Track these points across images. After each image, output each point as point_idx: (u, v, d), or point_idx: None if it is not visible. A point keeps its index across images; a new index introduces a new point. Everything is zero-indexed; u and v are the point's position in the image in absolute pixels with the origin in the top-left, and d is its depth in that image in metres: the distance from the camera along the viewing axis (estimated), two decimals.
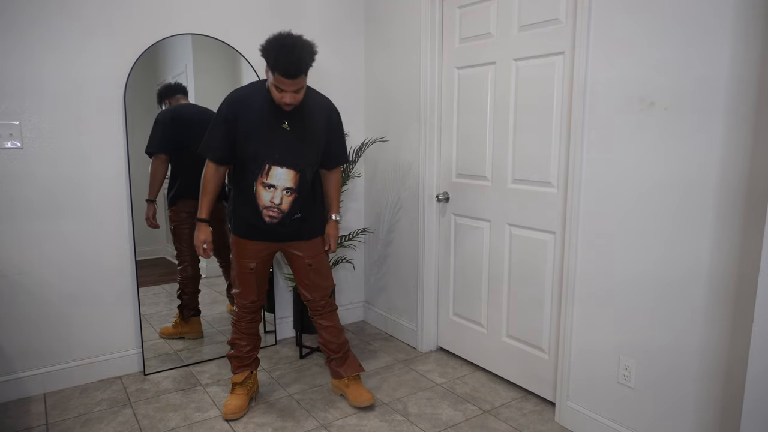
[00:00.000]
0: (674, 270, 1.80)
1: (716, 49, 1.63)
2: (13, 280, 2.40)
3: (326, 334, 2.38)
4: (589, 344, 2.12)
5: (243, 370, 2.36)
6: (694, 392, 1.79)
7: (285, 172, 2.10)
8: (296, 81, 1.96)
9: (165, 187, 2.71)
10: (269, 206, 2.12)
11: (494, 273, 2.58)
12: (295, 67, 1.91)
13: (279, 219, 2.14)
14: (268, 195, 2.11)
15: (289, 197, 2.13)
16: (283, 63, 1.90)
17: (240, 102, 2.10)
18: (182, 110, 2.71)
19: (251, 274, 2.26)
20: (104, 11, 2.46)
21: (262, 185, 2.10)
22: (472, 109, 2.59)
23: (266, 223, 2.15)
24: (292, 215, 2.16)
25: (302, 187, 2.15)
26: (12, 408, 2.37)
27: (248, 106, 2.09)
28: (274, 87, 2.00)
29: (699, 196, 1.71)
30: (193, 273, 2.82)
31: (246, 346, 2.35)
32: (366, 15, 3.21)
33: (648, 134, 1.83)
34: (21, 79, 2.32)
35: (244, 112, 2.08)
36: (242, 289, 2.28)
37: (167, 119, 2.66)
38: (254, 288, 2.29)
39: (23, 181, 2.37)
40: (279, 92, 2.00)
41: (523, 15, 2.28)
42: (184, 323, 2.83)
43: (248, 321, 2.33)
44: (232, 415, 2.26)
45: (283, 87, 1.98)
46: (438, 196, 2.81)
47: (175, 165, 2.70)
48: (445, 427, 2.23)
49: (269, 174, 2.09)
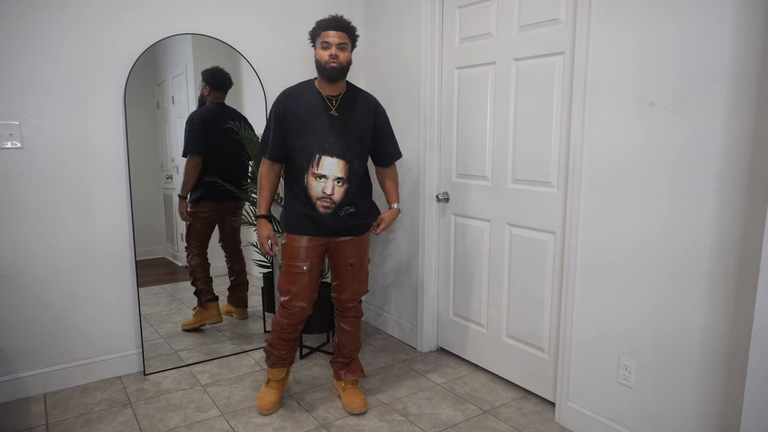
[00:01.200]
0: (675, 268, 1.80)
1: (716, 49, 1.63)
2: (13, 280, 2.40)
3: (344, 338, 2.38)
4: (589, 344, 2.12)
5: (280, 366, 2.34)
6: (694, 392, 1.79)
7: (335, 162, 2.13)
8: (339, 34, 2.09)
9: None
10: (322, 197, 2.14)
11: (494, 273, 2.58)
12: (336, 20, 2.11)
13: (333, 210, 2.15)
14: (320, 185, 2.13)
15: (341, 187, 2.15)
16: (326, 19, 2.12)
17: (288, 96, 2.19)
18: (215, 111, 2.78)
19: (303, 275, 2.20)
20: (104, 11, 2.46)
21: (313, 176, 2.13)
22: (472, 109, 2.59)
23: (321, 214, 2.15)
24: (345, 207, 2.17)
25: (353, 177, 2.17)
26: (12, 408, 2.37)
27: (297, 99, 2.17)
28: (320, 49, 2.11)
29: (699, 197, 1.71)
30: (201, 261, 2.87)
31: (283, 351, 2.31)
32: (365, 15, 3.21)
33: (648, 134, 1.83)
34: (21, 79, 2.32)
35: (293, 106, 2.16)
36: (293, 292, 2.19)
37: (200, 121, 2.74)
38: (306, 292, 2.20)
39: (23, 181, 2.37)
40: (324, 50, 2.09)
41: (523, 15, 2.28)
42: (204, 310, 2.89)
43: (291, 332, 2.26)
44: (269, 411, 2.28)
45: (329, 40, 2.09)
46: (438, 196, 2.81)
47: (203, 167, 2.78)
48: (445, 427, 2.23)
49: (319, 164, 2.12)
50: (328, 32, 2.09)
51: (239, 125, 2.75)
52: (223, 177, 2.82)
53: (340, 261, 2.28)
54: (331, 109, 2.15)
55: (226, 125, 2.79)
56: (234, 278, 2.96)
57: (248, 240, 2.98)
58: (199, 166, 2.76)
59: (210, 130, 2.78)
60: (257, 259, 3.00)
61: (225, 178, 2.83)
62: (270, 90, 2.94)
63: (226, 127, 2.79)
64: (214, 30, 2.76)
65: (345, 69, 2.14)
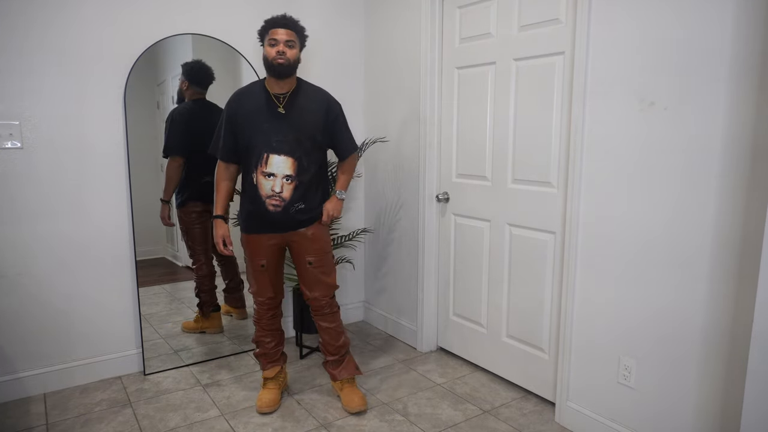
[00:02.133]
0: (676, 268, 1.80)
1: (717, 49, 1.63)
2: (13, 280, 2.40)
3: (326, 335, 2.37)
4: (589, 344, 2.12)
5: (273, 365, 2.39)
6: (694, 392, 1.79)
7: (283, 160, 2.15)
8: (287, 32, 2.11)
9: None
10: (271, 195, 2.16)
11: (494, 273, 2.58)
12: (284, 18, 2.12)
13: (282, 207, 2.18)
14: (269, 184, 2.16)
15: (290, 185, 2.17)
16: (274, 17, 2.13)
17: (238, 96, 2.22)
18: (194, 109, 2.73)
19: (263, 271, 2.27)
20: (104, 11, 2.46)
21: (262, 174, 2.16)
22: (472, 109, 2.59)
23: (270, 212, 2.17)
24: (294, 204, 2.19)
25: (302, 174, 2.18)
26: (12, 408, 2.37)
27: (246, 99, 2.20)
28: (268, 46, 2.12)
29: (699, 198, 1.71)
30: (208, 271, 2.86)
31: (270, 342, 2.37)
32: (366, 16, 3.21)
33: (648, 134, 1.83)
34: (21, 79, 2.32)
35: (243, 106, 2.18)
36: (257, 287, 2.30)
37: (181, 119, 2.68)
38: (268, 285, 2.30)
39: (23, 181, 2.37)
40: (272, 47, 2.11)
41: (523, 15, 2.28)
42: (205, 319, 2.89)
43: (269, 318, 2.35)
44: (267, 408, 2.30)
45: (276, 37, 2.10)
46: (438, 196, 2.81)
47: (186, 167, 2.73)
48: (445, 427, 2.23)
49: (268, 162, 2.15)
50: (276, 29, 2.11)
51: None
52: (206, 178, 2.76)
53: (299, 259, 2.30)
54: (278, 106, 2.16)
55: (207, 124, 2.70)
56: (228, 281, 2.94)
57: None
58: (180, 168, 2.70)
59: (192, 129, 2.71)
60: None
61: (209, 178, 2.76)
62: None
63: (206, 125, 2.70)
64: (214, 30, 2.76)
65: (293, 66, 2.14)
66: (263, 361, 2.39)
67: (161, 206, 2.71)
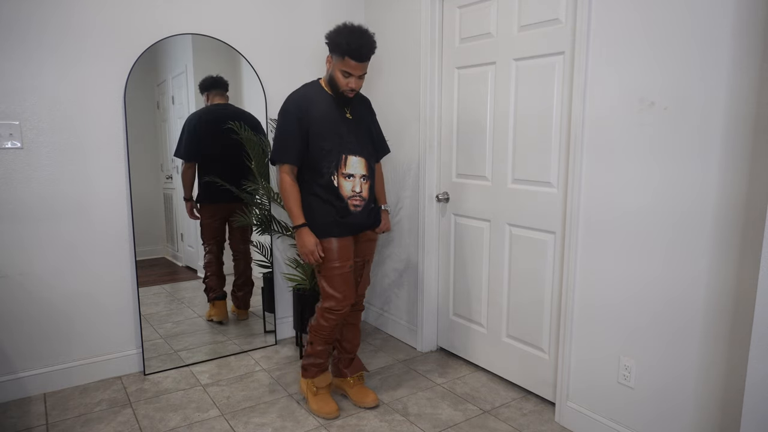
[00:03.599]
0: (677, 265, 1.80)
1: (717, 48, 1.63)
2: (14, 280, 2.40)
3: (349, 332, 2.40)
4: (589, 344, 2.12)
5: (325, 373, 2.36)
6: (694, 392, 1.79)
7: (358, 161, 2.18)
8: (364, 64, 2.07)
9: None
10: (352, 195, 2.18)
11: (494, 273, 2.58)
12: (366, 49, 2.03)
13: (362, 206, 2.20)
14: (350, 185, 2.17)
15: (366, 184, 2.21)
16: (355, 45, 2.01)
17: (306, 99, 2.15)
18: (209, 115, 2.78)
19: (350, 273, 2.20)
20: (104, 11, 2.46)
21: (342, 176, 2.16)
22: (472, 109, 2.59)
23: (352, 213, 2.18)
24: (371, 202, 2.25)
25: (371, 173, 2.24)
26: (12, 408, 2.37)
27: (314, 102, 2.15)
28: (340, 73, 2.08)
29: (699, 195, 1.71)
30: (212, 259, 2.90)
31: (327, 353, 2.33)
32: (366, 15, 3.21)
33: (648, 134, 1.83)
34: (21, 79, 2.32)
35: (312, 108, 2.14)
36: (345, 292, 2.18)
37: (191, 126, 2.74)
38: (353, 289, 2.23)
39: (23, 181, 2.37)
40: (345, 78, 2.08)
41: (523, 15, 2.28)
42: (211, 306, 2.94)
43: (336, 333, 2.30)
44: (336, 412, 2.28)
45: (351, 71, 2.06)
46: (438, 196, 2.81)
47: (199, 170, 2.79)
48: (445, 427, 2.23)
49: (347, 164, 2.16)
50: (352, 62, 2.03)
51: (239, 125, 2.74)
52: (223, 178, 2.83)
53: (358, 259, 2.33)
54: (346, 112, 2.18)
55: (225, 125, 2.79)
56: (237, 277, 2.97)
57: (254, 240, 2.98)
58: (190, 170, 2.77)
59: (206, 132, 2.78)
60: (258, 259, 3.00)
61: (226, 179, 2.83)
62: (270, 90, 2.94)
63: (225, 127, 2.79)
64: (214, 30, 2.76)
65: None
66: (315, 371, 2.33)
67: (185, 203, 2.79)
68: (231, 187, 2.84)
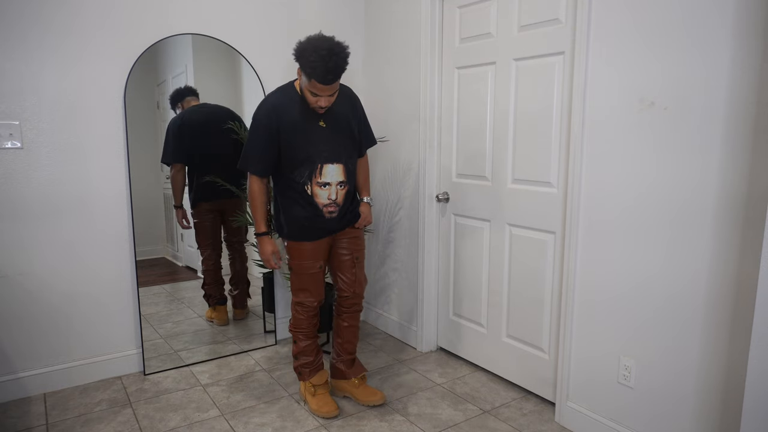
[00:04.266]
0: (676, 266, 1.80)
1: (717, 48, 1.63)
2: (13, 280, 2.40)
3: (348, 333, 2.40)
4: (589, 344, 2.12)
5: (320, 371, 2.37)
6: (694, 392, 1.79)
7: (335, 168, 2.16)
8: (332, 86, 2.00)
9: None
10: (328, 203, 2.17)
11: (494, 273, 2.58)
12: (332, 75, 1.94)
13: (337, 212, 2.20)
14: (325, 193, 2.16)
15: (343, 190, 2.20)
16: (320, 71, 1.91)
17: (277, 108, 2.10)
18: (190, 116, 2.76)
19: (319, 272, 2.26)
20: (104, 11, 2.46)
21: (317, 185, 2.15)
22: (472, 109, 2.59)
23: (327, 219, 2.19)
24: (347, 207, 2.24)
25: (350, 178, 2.22)
26: (12, 408, 2.37)
27: (286, 112, 2.11)
28: (308, 92, 2.03)
29: (699, 196, 1.71)
30: (213, 265, 2.90)
31: (314, 350, 2.35)
32: (366, 15, 3.21)
33: (648, 134, 1.83)
34: (21, 80, 2.32)
35: (284, 119, 2.10)
36: (313, 290, 2.27)
37: (175, 129, 2.72)
38: (321, 288, 2.29)
39: (23, 181, 2.37)
40: (314, 97, 2.04)
41: (523, 15, 2.28)
42: (212, 310, 2.95)
43: (313, 325, 2.32)
44: (336, 411, 2.28)
45: (318, 93, 2.01)
46: (438, 196, 2.81)
47: (190, 171, 2.77)
48: (445, 427, 2.23)
49: (322, 173, 2.14)
50: (318, 85, 1.97)
51: (238, 125, 2.74)
52: (215, 176, 2.80)
53: (345, 258, 2.31)
54: (319, 121, 2.14)
55: (213, 124, 2.76)
56: (233, 276, 2.97)
57: (250, 239, 2.98)
58: (180, 173, 2.76)
59: (192, 132, 2.76)
60: (257, 259, 3.00)
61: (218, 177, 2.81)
62: (270, 89, 2.94)
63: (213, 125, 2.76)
64: (214, 30, 2.76)
65: None
66: (308, 371, 2.34)
67: (175, 212, 2.76)
68: (231, 187, 2.84)
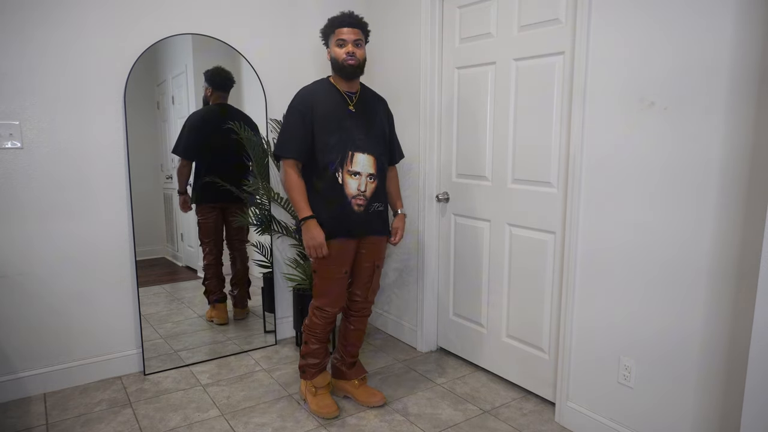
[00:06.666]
0: (676, 267, 1.80)
1: (717, 48, 1.63)
2: (13, 280, 2.40)
3: (354, 337, 2.39)
4: (589, 344, 2.12)
5: (323, 372, 2.36)
6: (694, 392, 1.79)
7: (366, 158, 2.14)
8: (354, 30, 2.09)
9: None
10: (356, 194, 2.13)
11: (494, 273, 2.58)
12: (349, 17, 2.08)
13: (365, 206, 2.15)
14: (355, 183, 2.12)
15: (372, 183, 2.16)
16: (340, 17, 2.09)
17: (310, 94, 2.14)
18: (210, 114, 2.78)
19: (344, 278, 2.20)
20: (104, 11, 2.46)
21: (348, 173, 2.11)
22: (472, 109, 2.59)
23: (355, 212, 2.13)
24: (375, 203, 2.18)
25: (380, 173, 2.19)
26: (12, 408, 2.37)
27: (319, 98, 2.14)
28: (336, 46, 2.10)
29: (699, 197, 1.71)
30: (214, 261, 2.90)
31: (323, 353, 2.33)
32: (366, 15, 3.20)
33: (648, 134, 1.83)
34: (21, 79, 2.32)
35: (318, 104, 2.12)
36: (334, 297, 2.20)
37: (194, 125, 2.74)
38: (344, 295, 2.24)
39: (23, 181, 2.37)
40: (341, 47, 2.08)
41: (523, 15, 2.28)
42: (212, 308, 2.95)
43: (328, 331, 2.29)
44: (337, 412, 2.27)
45: (344, 37, 2.08)
46: (438, 196, 2.81)
47: (197, 168, 2.79)
48: (445, 427, 2.23)
49: (353, 161, 2.11)
50: (342, 29, 2.07)
51: (239, 125, 2.74)
52: (221, 177, 2.82)
53: (367, 264, 2.28)
54: (349, 104, 2.14)
55: (225, 125, 2.79)
56: (233, 275, 2.97)
57: (251, 239, 2.98)
58: (186, 168, 2.77)
59: (205, 131, 2.78)
60: (257, 259, 3.00)
61: (224, 178, 2.83)
62: (270, 90, 2.94)
63: (225, 127, 2.79)
64: (214, 30, 2.76)
65: (362, 66, 2.14)
66: (313, 372, 2.33)
67: (178, 197, 2.79)
68: (231, 187, 2.84)
